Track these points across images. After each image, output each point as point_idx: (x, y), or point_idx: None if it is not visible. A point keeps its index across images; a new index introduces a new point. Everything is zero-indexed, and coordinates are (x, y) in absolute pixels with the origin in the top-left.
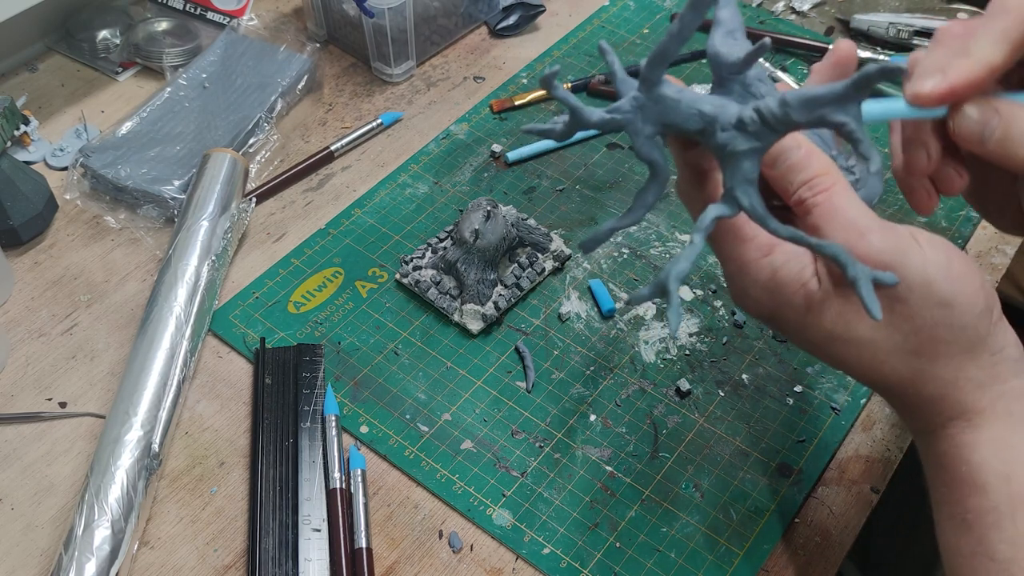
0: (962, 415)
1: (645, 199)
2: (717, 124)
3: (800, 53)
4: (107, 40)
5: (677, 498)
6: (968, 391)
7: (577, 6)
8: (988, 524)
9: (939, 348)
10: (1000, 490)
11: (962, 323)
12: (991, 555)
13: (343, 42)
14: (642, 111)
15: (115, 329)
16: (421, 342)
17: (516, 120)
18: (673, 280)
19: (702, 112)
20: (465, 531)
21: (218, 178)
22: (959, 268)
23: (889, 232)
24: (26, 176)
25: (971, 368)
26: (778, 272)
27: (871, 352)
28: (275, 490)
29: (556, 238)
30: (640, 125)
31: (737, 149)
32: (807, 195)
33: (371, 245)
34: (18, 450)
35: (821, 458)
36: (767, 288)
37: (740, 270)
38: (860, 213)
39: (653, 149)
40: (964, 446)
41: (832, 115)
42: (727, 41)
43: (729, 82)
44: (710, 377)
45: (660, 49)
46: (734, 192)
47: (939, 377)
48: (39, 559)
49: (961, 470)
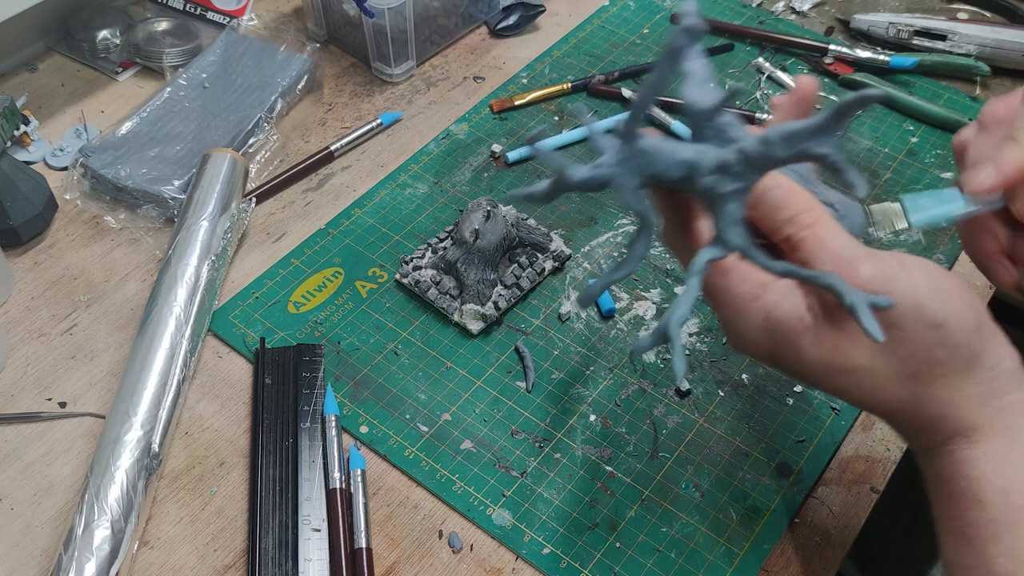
0: (961, 432)
1: (636, 250)
2: (700, 170)
3: (800, 53)
4: (107, 40)
5: (677, 498)
6: (967, 408)
7: (577, 6)
8: (987, 538)
9: (936, 369)
10: (998, 504)
11: (956, 342)
12: (990, 568)
13: (343, 42)
14: (625, 164)
15: (115, 329)
16: (421, 342)
17: (516, 120)
18: (674, 326)
19: (683, 160)
20: (465, 531)
21: (218, 178)
22: (947, 289)
23: (876, 260)
24: (26, 176)
25: (969, 386)
26: (771, 312)
27: (870, 380)
28: (275, 490)
29: (556, 238)
30: (625, 179)
31: (723, 191)
32: (792, 231)
33: (371, 245)
34: (18, 450)
35: (821, 458)
36: (763, 329)
37: (734, 316)
38: (846, 244)
39: (640, 201)
40: (963, 462)
41: (814, 148)
42: (700, 90)
43: (705, 129)
44: (710, 377)
45: (638, 103)
46: (724, 234)
47: (938, 398)
48: (39, 559)
49: (961, 485)
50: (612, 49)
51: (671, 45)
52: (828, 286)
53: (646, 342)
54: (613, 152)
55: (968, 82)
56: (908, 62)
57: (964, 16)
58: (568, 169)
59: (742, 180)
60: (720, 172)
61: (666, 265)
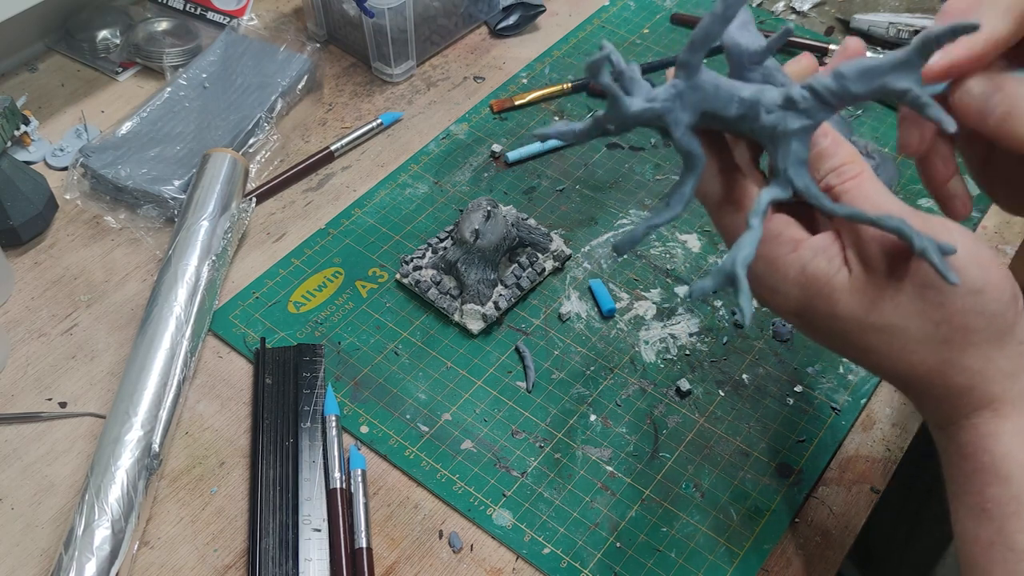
0: (988, 405)
1: (683, 192)
2: (760, 107)
3: (799, 53)
4: (107, 40)
5: (677, 498)
6: (995, 381)
7: (577, 6)
8: (1008, 514)
9: (969, 337)
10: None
11: (992, 310)
12: (1010, 545)
13: (343, 42)
14: (681, 99)
15: (115, 329)
16: (421, 342)
17: (516, 120)
18: (740, 266)
19: (742, 98)
20: (465, 531)
21: (218, 178)
22: (986, 256)
23: (921, 218)
24: (26, 176)
25: (999, 358)
26: (807, 266)
27: (901, 341)
28: (275, 490)
29: (556, 238)
30: (679, 114)
31: (789, 128)
32: (835, 182)
33: (371, 245)
34: (18, 450)
35: (821, 458)
36: (797, 282)
37: (769, 267)
38: (889, 200)
39: (692, 140)
40: (988, 436)
41: (894, 83)
42: (743, 32)
43: (749, 72)
44: (710, 377)
45: (702, 31)
46: (787, 173)
47: (968, 367)
48: (39, 559)
49: (983, 460)
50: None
51: None
52: (895, 229)
53: (707, 284)
54: (668, 86)
55: None
56: None
57: None
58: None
59: (809, 118)
60: (784, 108)
61: (666, 265)
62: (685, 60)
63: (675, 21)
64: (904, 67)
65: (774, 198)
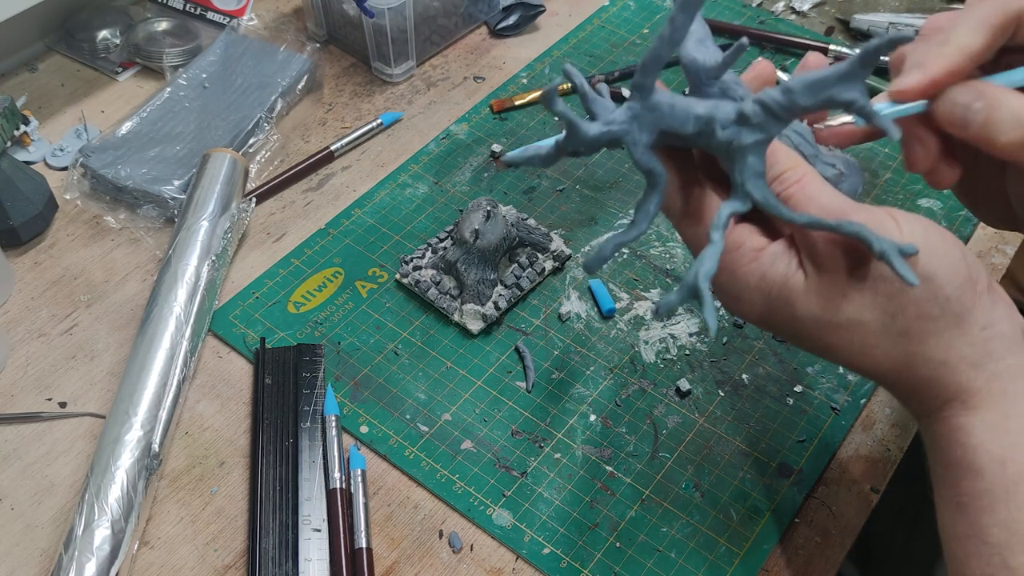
0: (957, 397)
1: (647, 209)
2: (716, 123)
3: (800, 53)
4: (107, 40)
5: (677, 498)
6: (961, 371)
7: (577, 6)
8: (982, 507)
9: (927, 326)
10: (995, 473)
11: (945, 295)
12: (984, 538)
13: (343, 42)
14: (638, 120)
15: (115, 329)
16: (421, 342)
17: (516, 120)
18: (703, 280)
19: (698, 115)
20: (465, 531)
21: (218, 178)
22: (936, 242)
23: (866, 212)
24: (26, 176)
25: (961, 345)
26: (766, 273)
27: (861, 336)
28: (275, 490)
29: (556, 238)
30: (637, 135)
31: (743, 143)
32: (779, 189)
33: (371, 245)
34: (18, 450)
35: (821, 458)
36: (758, 289)
37: (731, 277)
38: (833, 198)
39: (651, 159)
40: (960, 429)
41: (840, 94)
42: (699, 48)
43: (707, 87)
44: (710, 377)
45: (652, 54)
46: (745, 187)
47: (931, 358)
48: (39, 559)
49: (957, 453)
50: (612, 49)
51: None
52: (855, 234)
53: (673, 299)
54: (624, 108)
55: None
56: None
57: None
58: (581, 124)
59: (762, 131)
60: (739, 124)
61: (666, 265)
62: (638, 82)
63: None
64: (849, 78)
65: (734, 211)
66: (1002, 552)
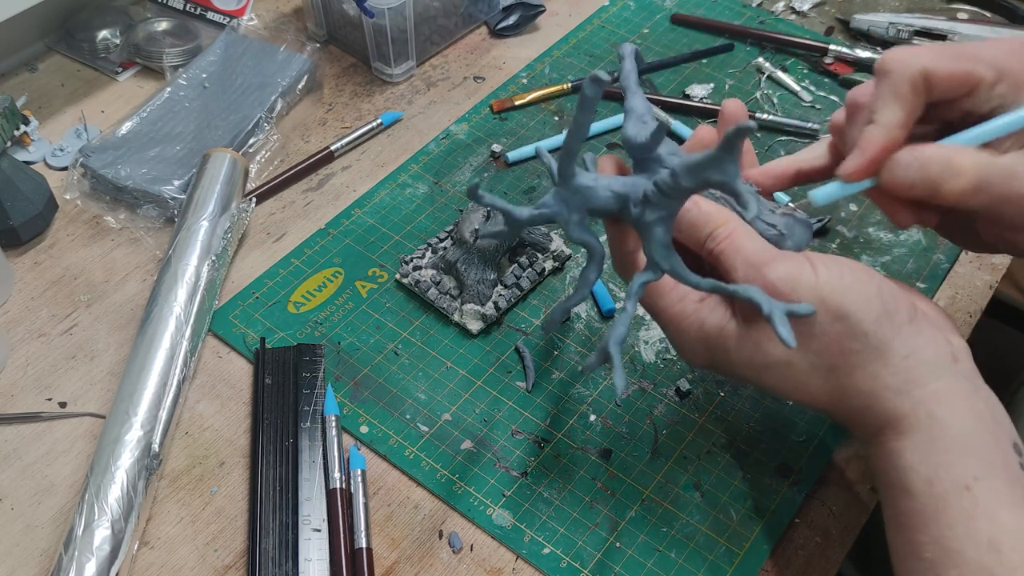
0: (888, 423)
1: (588, 278)
2: (629, 201)
3: (800, 53)
4: (107, 40)
5: (677, 498)
6: (887, 398)
7: (577, 6)
8: (915, 526)
9: (850, 360)
10: (924, 494)
11: (862, 330)
12: (919, 555)
13: (343, 42)
14: (566, 203)
15: (115, 329)
16: (421, 342)
17: (516, 120)
18: (613, 346)
19: (616, 193)
20: (465, 531)
21: (218, 178)
22: (850, 282)
23: (784, 261)
24: (26, 176)
25: (885, 375)
26: (704, 323)
27: (792, 375)
28: (275, 490)
29: (556, 238)
30: (567, 215)
31: (647, 219)
32: (712, 246)
33: (371, 245)
34: (18, 450)
35: (821, 458)
36: (699, 339)
37: (677, 330)
38: (757, 249)
39: (584, 233)
40: (892, 453)
41: (713, 176)
42: (637, 126)
43: (646, 161)
44: (710, 377)
45: (566, 148)
46: (654, 258)
47: (859, 390)
48: (39, 559)
49: (892, 475)
50: (612, 49)
51: (581, 95)
52: (748, 298)
53: (592, 361)
54: (552, 192)
55: None
56: None
57: (964, 16)
58: (514, 211)
59: (663, 208)
60: (644, 202)
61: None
62: (561, 170)
63: (675, 21)
64: (716, 162)
65: (645, 280)
66: (935, 568)
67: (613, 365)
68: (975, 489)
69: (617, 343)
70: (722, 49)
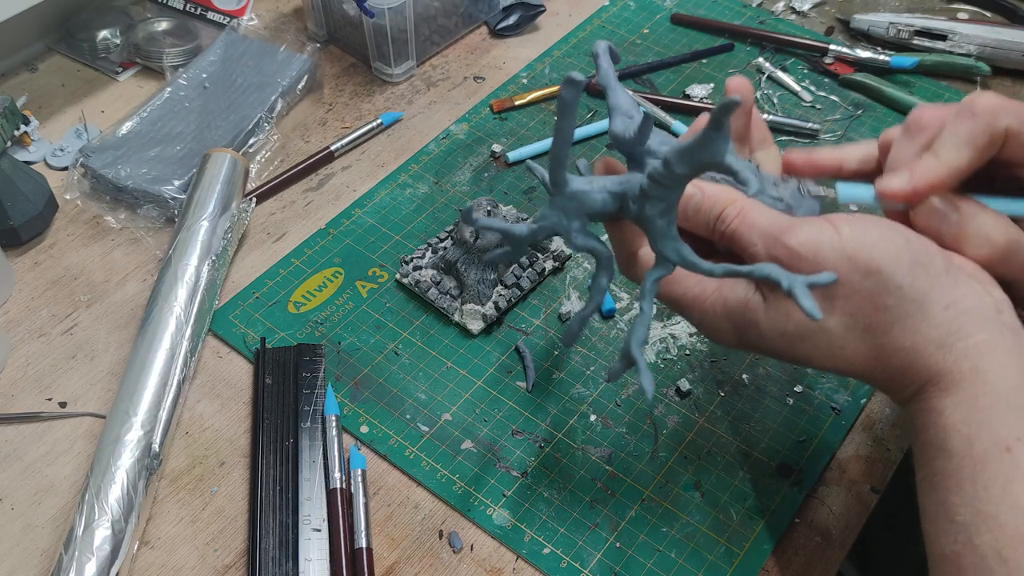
0: (930, 380)
1: (600, 284)
2: (627, 198)
3: (800, 53)
4: (107, 40)
5: (677, 498)
6: (929, 353)
7: (577, 6)
8: (950, 487)
9: (887, 317)
10: (963, 453)
11: (896, 283)
12: (951, 517)
13: (343, 42)
14: (563, 212)
15: (115, 329)
16: (421, 342)
17: (516, 120)
18: (635, 349)
19: (613, 192)
20: (465, 531)
21: (218, 178)
22: (876, 236)
23: (803, 227)
24: (26, 176)
25: (926, 328)
26: (728, 300)
27: (828, 340)
28: (275, 490)
29: (556, 238)
30: (567, 223)
31: (648, 214)
32: (723, 228)
33: (371, 245)
34: (18, 450)
35: (821, 458)
36: (726, 317)
37: (701, 316)
38: (772, 220)
39: (588, 240)
40: (933, 411)
41: (704, 158)
42: (623, 122)
43: (639, 156)
44: (710, 377)
45: (553, 156)
46: (662, 252)
47: (899, 347)
48: (39, 559)
49: (930, 434)
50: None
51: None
52: (766, 277)
53: (618, 368)
54: (548, 204)
55: (968, 82)
56: (908, 62)
57: (964, 16)
58: (513, 230)
59: (662, 200)
60: (642, 197)
61: None
62: (552, 179)
63: (675, 21)
64: (706, 143)
65: (657, 277)
66: (968, 531)
67: (638, 369)
68: (1016, 451)
69: (639, 346)
70: (722, 49)
